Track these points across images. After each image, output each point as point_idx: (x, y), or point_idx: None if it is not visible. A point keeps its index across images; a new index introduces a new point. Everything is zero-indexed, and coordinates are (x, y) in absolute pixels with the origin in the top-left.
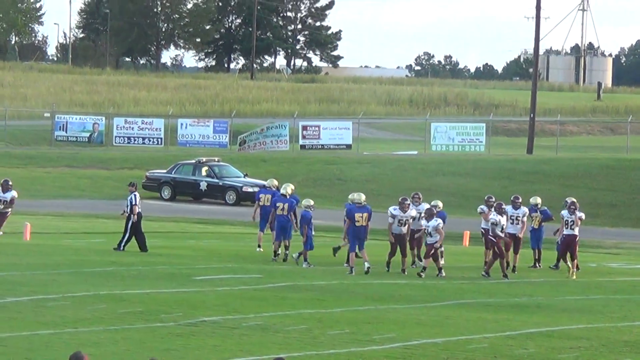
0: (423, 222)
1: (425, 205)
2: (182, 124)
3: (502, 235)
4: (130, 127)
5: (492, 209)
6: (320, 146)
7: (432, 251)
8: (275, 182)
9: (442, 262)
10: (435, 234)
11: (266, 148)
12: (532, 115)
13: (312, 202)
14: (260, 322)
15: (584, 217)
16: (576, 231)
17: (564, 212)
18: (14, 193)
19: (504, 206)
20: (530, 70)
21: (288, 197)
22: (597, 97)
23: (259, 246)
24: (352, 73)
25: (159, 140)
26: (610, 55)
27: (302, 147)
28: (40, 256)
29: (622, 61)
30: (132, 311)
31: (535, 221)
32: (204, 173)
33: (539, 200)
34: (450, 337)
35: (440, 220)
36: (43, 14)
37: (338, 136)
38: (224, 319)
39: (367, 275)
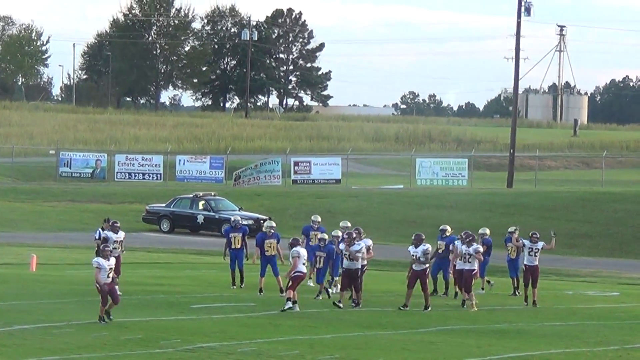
0: (411, 248)
1: (368, 242)
2: (180, 160)
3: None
4: (131, 163)
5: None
6: (311, 181)
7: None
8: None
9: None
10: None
11: (260, 183)
12: (512, 150)
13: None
14: (254, 348)
15: (547, 246)
16: (537, 262)
17: (526, 242)
18: (124, 234)
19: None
20: (510, 108)
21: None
22: (573, 133)
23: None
24: (341, 111)
25: (158, 175)
26: (586, 93)
27: (294, 181)
28: (45, 286)
29: (597, 99)
30: (133, 338)
31: (512, 251)
32: (201, 207)
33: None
34: None
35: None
36: (48, 56)
37: (328, 171)
38: (220, 345)
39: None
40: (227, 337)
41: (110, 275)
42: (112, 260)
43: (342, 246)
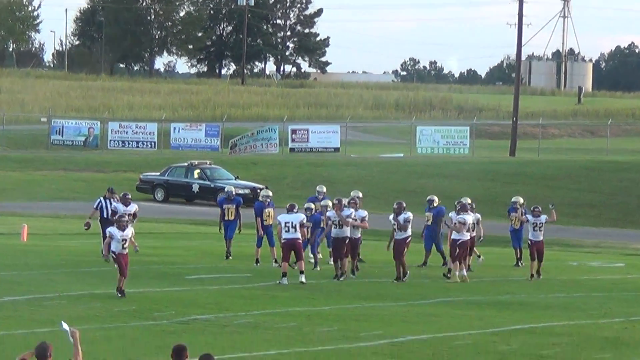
0: (392, 216)
1: (363, 213)
2: (174, 128)
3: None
4: (124, 131)
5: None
6: (308, 149)
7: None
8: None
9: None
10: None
11: (256, 151)
12: (514, 118)
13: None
14: (250, 320)
15: (549, 219)
16: (542, 237)
17: (529, 217)
18: (136, 206)
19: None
20: (513, 75)
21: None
22: (577, 101)
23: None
24: (339, 78)
25: (153, 144)
26: (590, 60)
27: (292, 150)
28: (36, 256)
29: (602, 66)
30: (126, 310)
31: (515, 221)
32: (196, 175)
33: (520, 199)
34: (435, 334)
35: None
36: (40, 21)
37: (326, 139)
38: (216, 317)
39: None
40: (223, 309)
41: (126, 246)
42: (128, 231)
43: (330, 214)
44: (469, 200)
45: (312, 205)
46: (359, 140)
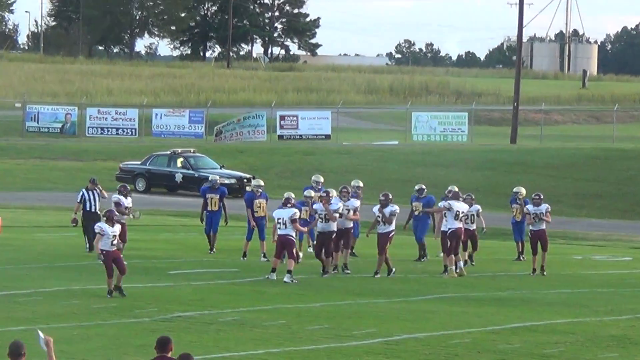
0: (376, 209)
1: (356, 202)
2: (156, 114)
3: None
4: (103, 117)
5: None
6: (298, 136)
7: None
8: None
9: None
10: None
11: (243, 139)
12: (515, 103)
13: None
14: (237, 317)
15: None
16: (543, 225)
17: (530, 207)
18: (130, 199)
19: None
20: (514, 57)
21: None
22: (582, 85)
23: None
24: (331, 61)
25: (133, 131)
26: (595, 42)
27: (280, 137)
28: (11, 250)
29: (608, 48)
30: (106, 307)
31: (517, 213)
32: (179, 164)
33: (522, 190)
34: (432, 332)
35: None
36: (14, 1)
37: (317, 126)
38: (200, 314)
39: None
40: (208, 306)
41: (115, 242)
42: (117, 227)
43: (317, 206)
44: (456, 189)
45: (312, 193)
46: (351, 127)
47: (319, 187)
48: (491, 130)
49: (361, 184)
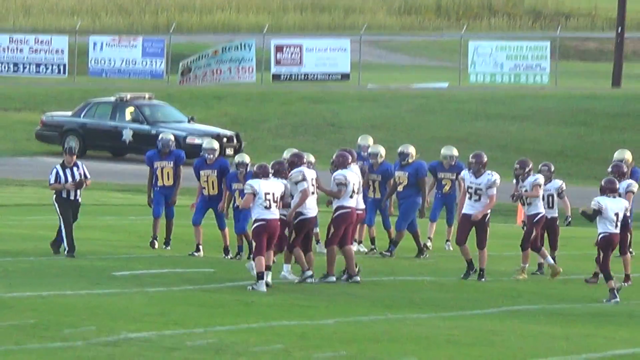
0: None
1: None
2: (95, 44)
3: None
4: (18, 48)
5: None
6: (302, 76)
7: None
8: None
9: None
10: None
11: (222, 79)
12: (619, 29)
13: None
14: (213, 340)
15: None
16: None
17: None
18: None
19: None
20: None
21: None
22: None
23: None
24: None
25: (61, 67)
26: None
27: (276, 77)
28: None
29: None
30: (21, 324)
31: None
32: (128, 117)
33: (627, 155)
34: None
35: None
36: None
37: (329, 61)
38: (159, 336)
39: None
40: (170, 323)
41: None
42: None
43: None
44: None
45: (312, 158)
46: (380, 63)
47: (366, 154)
48: (584, 68)
49: (371, 142)
